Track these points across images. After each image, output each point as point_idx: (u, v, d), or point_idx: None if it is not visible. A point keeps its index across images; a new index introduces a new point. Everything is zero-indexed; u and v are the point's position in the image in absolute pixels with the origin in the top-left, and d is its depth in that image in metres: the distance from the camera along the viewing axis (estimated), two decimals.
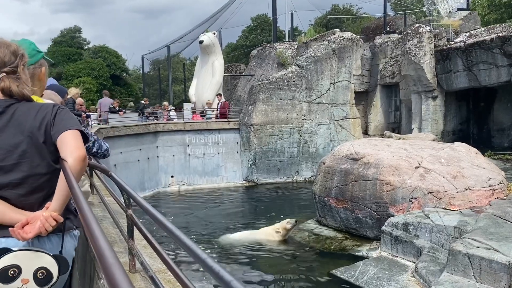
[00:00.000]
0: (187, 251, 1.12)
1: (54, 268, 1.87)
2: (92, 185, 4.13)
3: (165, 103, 22.06)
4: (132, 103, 26.10)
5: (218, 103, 20.13)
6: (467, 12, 24.80)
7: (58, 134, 1.88)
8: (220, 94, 20.85)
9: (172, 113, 20.84)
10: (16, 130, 1.89)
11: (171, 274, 2.10)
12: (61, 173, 1.87)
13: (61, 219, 1.88)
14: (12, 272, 1.78)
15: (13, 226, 1.81)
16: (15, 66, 1.96)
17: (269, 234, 10.31)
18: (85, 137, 1.99)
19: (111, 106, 17.31)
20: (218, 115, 19.70)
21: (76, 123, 1.96)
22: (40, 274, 1.83)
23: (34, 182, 1.91)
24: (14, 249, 1.83)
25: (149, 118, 19.38)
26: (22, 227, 1.79)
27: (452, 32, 19.66)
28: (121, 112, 17.60)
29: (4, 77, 1.92)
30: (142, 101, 21.62)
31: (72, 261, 2.10)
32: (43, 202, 1.92)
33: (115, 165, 14.56)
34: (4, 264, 1.78)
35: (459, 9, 24.42)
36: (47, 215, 1.81)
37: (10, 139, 1.88)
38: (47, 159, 1.92)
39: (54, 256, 1.88)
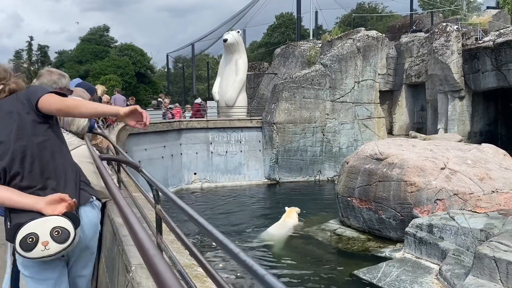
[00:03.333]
0: (219, 245, 1.15)
1: (68, 225, 2.00)
2: (119, 181, 4.23)
3: (166, 100, 21.91)
4: (155, 101, 26.17)
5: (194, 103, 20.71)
6: (497, 10, 24.18)
7: (35, 101, 2.05)
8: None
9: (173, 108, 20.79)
10: (7, 117, 2.05)
11: (198, 269, 2.14)
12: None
13: (72, 210, 2.04)
14: (30, 239, 1.94)
15: (30, 211, 1.98)
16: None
17: (291, 218, 11.62)
18: (61, 93, 2.16)
19: (128, 103, 17.44)
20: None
21: (44, 89, 2.16)
22: (56, 233, 1.98)
23: (35, 153, 2.06)
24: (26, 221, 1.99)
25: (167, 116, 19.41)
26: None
27: (481, 31, 19.19)
28: None
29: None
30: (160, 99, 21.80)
31: (100, 236, 2.26)
32: (46, 181, 2.08)
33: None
34: (21, 236, 1.94)
35: (488, 7, 23.82)
36: (71, 202, 2.01)
37: (4, 127, 2.04)
38: (38, 126, 2.08)
39: (64, 215, 2.01)
